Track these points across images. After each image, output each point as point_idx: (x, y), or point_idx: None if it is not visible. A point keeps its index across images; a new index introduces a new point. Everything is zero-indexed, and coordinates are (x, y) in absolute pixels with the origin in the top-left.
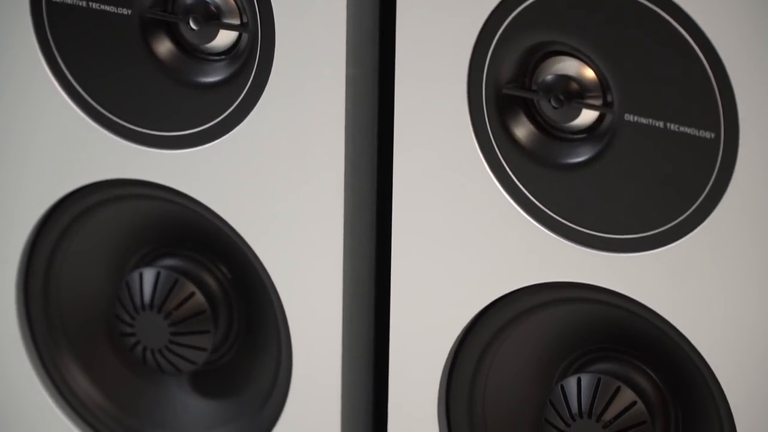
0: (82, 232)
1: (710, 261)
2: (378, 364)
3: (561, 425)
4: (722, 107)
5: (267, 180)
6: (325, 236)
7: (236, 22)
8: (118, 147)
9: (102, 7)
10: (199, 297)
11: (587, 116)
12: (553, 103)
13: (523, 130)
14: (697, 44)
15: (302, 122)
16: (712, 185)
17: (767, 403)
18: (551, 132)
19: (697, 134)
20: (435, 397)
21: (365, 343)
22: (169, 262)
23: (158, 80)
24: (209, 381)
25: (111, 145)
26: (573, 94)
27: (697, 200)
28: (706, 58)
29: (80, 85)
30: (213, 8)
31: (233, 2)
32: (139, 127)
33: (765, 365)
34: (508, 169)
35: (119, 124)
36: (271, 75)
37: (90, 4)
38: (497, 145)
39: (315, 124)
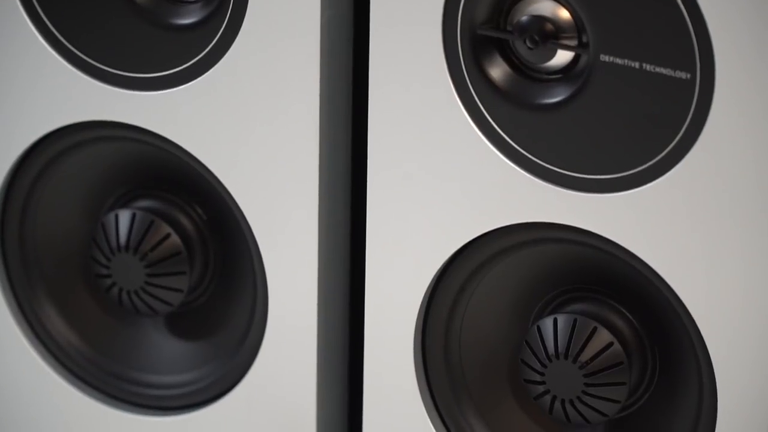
0: (58, 174)
1: (686, 201)
2: (354, 305)
3: (537, 366)
4: (698, 48)
5: (242, 122)
6: (300, 178)
7: None
8: (93, 89)
9: None
10: (175, 238)
11: (562, 57)
12: (528, 44)
13: (498, 71)
14: None
15: (277, 64)
16: (688, 126)
17: (745, 342)
18: (527, 73)
19: (673, 75)
20: (411, 338)
21: (341, 285)
22: (145, 203)
23: (133, 22)
24: (185, 322)
25: (86, 87)
26: (548, 34)
27: (672, 141)
28: None
29: (56, 28)
30: None
31: None
32: (114, 69)
33: (741, 304)
34: (483, 110)
35: (95, 66)
36: (245, 16)
37: None
38: (473, 86)
39: (290, 65)
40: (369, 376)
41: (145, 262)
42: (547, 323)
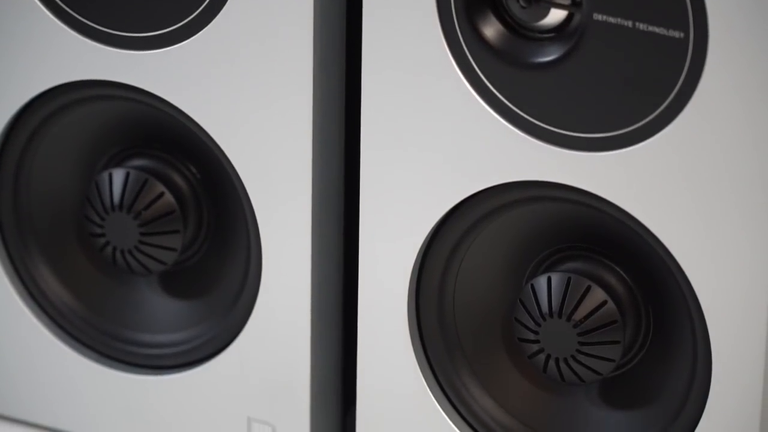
0: (52, 134)
1: (679, 160)
2: (348, 264)
3: (531, 325)
4: (691, 7)
5: (236, 80)
6: (293, 137)
7: None
8: (87, 49)
9: None
10: (169, 197)
11: (556, 15)
12: (522, 3)
13: (491, 29)
14: None
15: (270, 22)
16: (681, 85)
17: (738, 299)
18: (520, 32)
19: (666, 34)
20: (405, 297)
21: (335, 243)
22: (139, 162)
23: None
24: (179, 281)
25: (80, 46)
26: None
27: (666, 100)
28: None
29: None
30: None
31: None
32: (108, 28)
33: (735, 262)
34: (477, 69)
35: (88, 25)
36: None
37: None
38: (466, 46)
39: (283, 23)
40: (363, 335)
41: (138, 221)
42: (541, 282)
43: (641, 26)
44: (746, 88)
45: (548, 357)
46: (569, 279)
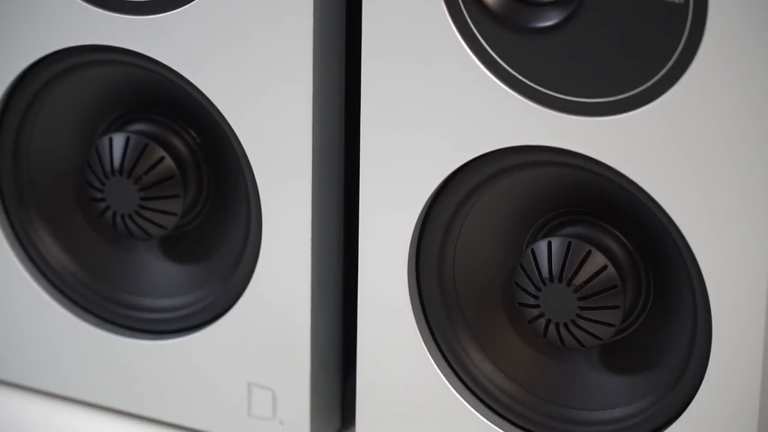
0: (52, 98)
1: (679, 125)
2: (348, 229)
3: (531, 289)
4: None
5: (236, 44)
6: (293, 101)
7: None
8: (88, 13)
9: None
10: (169, 161)
11: None
12: None
13: None
14: None
15: None
16: (681, 50)
17: (738, 263)
18: None
19: None
20: (405, 262)
21: (335, 207)
22: (139, 127)
23: None
24: (179, 246)
25: (81, 11)
26: None
27: (666, 65)
28: None
29: None
30: None
31: None
32: None
33: (734, 226)
34: (477, 34)
35: None
36: None
37: None
38: (466, 10)
39: None
40: (363, 300)
41: (139, 186)
42: (542, 246)
43: None
44: (746, 55)
45: (548, 322)
46: (569, 244)
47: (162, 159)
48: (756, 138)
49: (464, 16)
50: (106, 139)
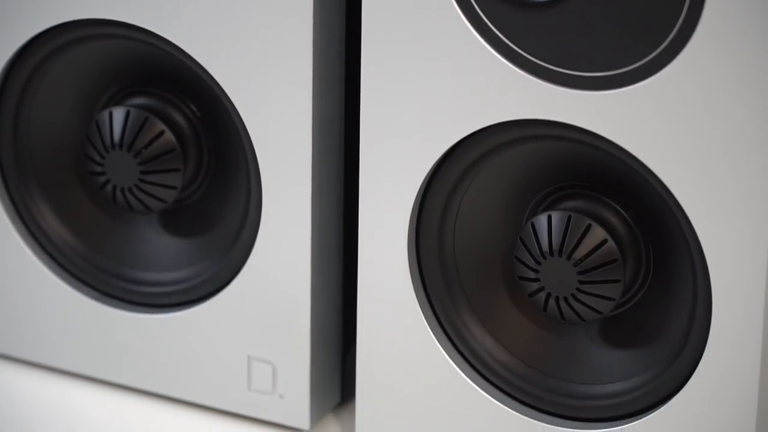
0: (52, 72)
1: (679, 99)
2: (348, 203)
3: (532, 263)
4: None
5: (235, 17)
6: (293, 73)
7: None
8: None
9: None
10: (169, 135)
11: None
12: None
13: None
14: None
15: None
16: (682, 23)
17: (738, 237)
18: None
19: None
20: (405, 235)
21: (335, 182)
22: (139, 100)
23: None
24: (179, 220)
25: None
26: None
27: (666, 38)
28: None
29: None
30: None
31: None
32: None
33: (734, 200)
34: (477, 8)
35: None
36: None
37: None
38: None
39: None
40: (363, 274)
41: (139, 159)
42: (542, 220)
43: None
44: (745, 29)
45: (548, 295)
46: (569, 217)
47: (162, 133)
48: (756, 110)
49: None
50: (106, 113)
